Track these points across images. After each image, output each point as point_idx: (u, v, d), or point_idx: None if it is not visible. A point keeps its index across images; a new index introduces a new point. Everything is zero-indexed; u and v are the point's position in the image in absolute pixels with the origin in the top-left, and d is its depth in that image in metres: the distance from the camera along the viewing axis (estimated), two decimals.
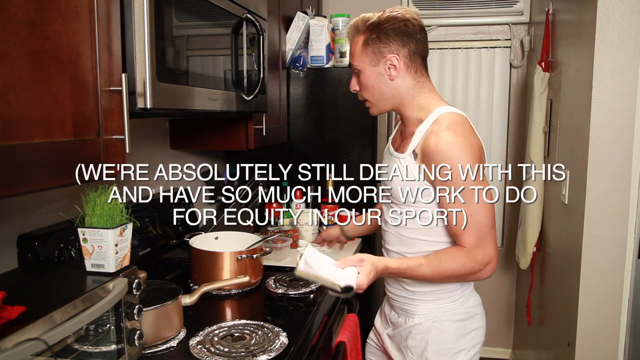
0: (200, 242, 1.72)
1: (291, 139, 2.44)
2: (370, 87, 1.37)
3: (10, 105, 0.80)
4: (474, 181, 1.26)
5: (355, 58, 1.37)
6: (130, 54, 1.07)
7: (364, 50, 1.35)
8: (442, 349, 1.39)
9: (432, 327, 1.40)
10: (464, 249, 1.28)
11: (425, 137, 1.31)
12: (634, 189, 1.84)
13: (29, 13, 0.83)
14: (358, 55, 1.36)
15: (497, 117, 3.02)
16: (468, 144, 1.27)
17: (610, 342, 1.91)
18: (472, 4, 2.91)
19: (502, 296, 3.16)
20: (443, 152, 1.25)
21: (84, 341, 0.99)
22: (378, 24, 1.33)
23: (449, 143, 1.25)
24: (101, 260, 1.06)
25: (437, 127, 1.30)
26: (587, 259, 1.89)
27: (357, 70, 1.38)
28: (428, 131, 1.31)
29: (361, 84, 1.39)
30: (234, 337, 1.30)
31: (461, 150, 1.26)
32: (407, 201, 1.36)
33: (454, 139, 1.26)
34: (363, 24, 1.35)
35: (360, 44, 1.35)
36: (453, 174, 1.25)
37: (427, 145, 1.28)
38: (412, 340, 1.41)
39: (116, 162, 1.04)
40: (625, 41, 1.78)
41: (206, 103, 1.38)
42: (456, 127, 1.29)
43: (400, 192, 1.36)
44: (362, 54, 1.35)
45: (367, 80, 1.37)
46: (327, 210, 2.33)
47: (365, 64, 1.35)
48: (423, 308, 1.42)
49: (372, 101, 1.40)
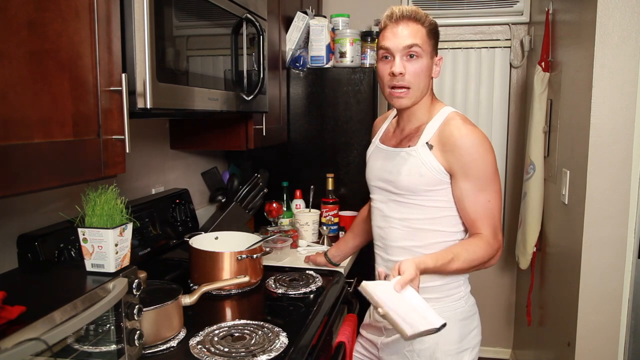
0: (200, 242, 1.72)
1: (291, 139, 2.44)
2: (420, 74, 1.37)
3: (10, 105, 0.80)
4: (494, 169, 1.36)
5: (420, 43, 1.35)
6: (130, 54, 1.08)
7: (428, 40, 1.37)
8: (450, 349, 1.40)
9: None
10: (482, 236, 1.35)
11: (441, 131, 1.37)
12: (634, 189, 1.84)
13: (29, 13, 0.83)
14: (425, 40, 1.36)
15: (497, 117, 3.02)
16: (485, 137, 1.36)
17: (610, 342, 1.91)
18: (472, 4, 2.91)
19: (502, 296, 3.16)
20: (469, 141, 1.33)
21: (84, 341, 0.99)
22: (436, 25, 1.40)
23: (471, 133, 1.34)
24: (101, 260, 1.06)
25: (452, 121, 1.37)
26: (587, 259, 1.89)
27: (416, 54, 1.35)
28: (442, 125, 1.38)
29: (414, 70, 1.36)
30: (234, 337, 1.30)
31: (484, 140, 1.35)
32: (418, 192, 1.40)
33: (474, 130, 1.35)
34: (424, 16, 1.38)
35: (425, 33, 1.37)
36: (478, 161, 1.33)
37: (448, 137, 1.35)
38: (422, 343, 1.40)
39: (116, 162, 1.04)
40: (625, 41, 1.78)
41: (206, 103, 1.38)
42: (470, 123, 1.38)
43: (413, 183, 1.39)
44: (427, 42, 1.37)
45: (422, 67, 1.37)
46: (327, 210, 2.32)
47: (426, 53, 1.37)
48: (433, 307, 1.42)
49: (413, 89, 1.37)
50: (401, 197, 1.43)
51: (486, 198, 1.35)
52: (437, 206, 1.39)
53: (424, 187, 1.38)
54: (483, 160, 1.34)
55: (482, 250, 1.34)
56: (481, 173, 1.34)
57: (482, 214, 1.35)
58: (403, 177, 1.40)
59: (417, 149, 1.38)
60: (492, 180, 1.35)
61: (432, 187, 1.38)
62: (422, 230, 1.41)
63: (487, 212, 1.35)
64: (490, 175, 1.35)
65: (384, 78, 1.39)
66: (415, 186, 1.39)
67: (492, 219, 1.36)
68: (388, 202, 1.47)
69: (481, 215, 1.35)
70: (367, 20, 2.71)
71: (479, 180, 1.34)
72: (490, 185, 1.35)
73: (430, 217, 1.40)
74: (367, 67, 2.36)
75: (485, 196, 1.35)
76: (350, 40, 2.35)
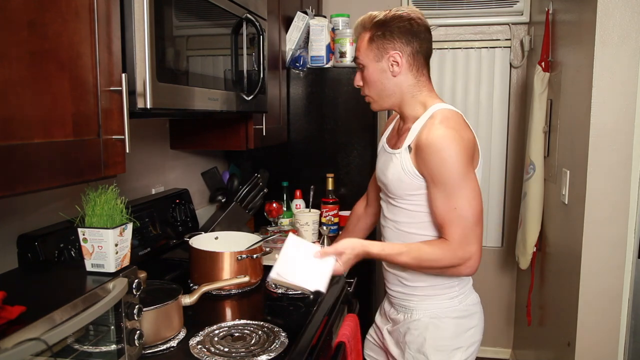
0: (200, 242, 1.72)
1: (291, 139, 2.44)
2: (373, 83, 1.41)
3: (10, 105, 0.79)
4: (461, 176, 1.27)
5: (360, 53, 1.41)
6: (130, 54, 1.07)
7: (369, 46, 1.38)
8: (440, 345, 1.41)
9: (430, 324, 1.42)
10: (446, 242, 1.31)
11: (419, 132, 1.34)
12: (634, 189, 1.84)
13: (29, 13, 0.83)
14: (363, 51, 1.40)
15: (497, 117, 3.02)
16: (459, 137, 1.29)
17: (610, 342, 1.92)
18: (472, 4, 2.91)
19: (502, 296, 3.16)
20: (434, 144, 1.28)
21: (84, 341, 0.99)
22: (384, 21, 1.36)
23: (440, 136, 1.28)
24: (101, 260, 1.06)
25: (431, 121, 1.33)
26: (587, 259, 1.89)
27: (361, 65, 1.42)
28: (423, 126, 1.34)
29: (365, 79, 1.43)
30: (234, 337, 1.30)
31: (451, 143, 1.27)
32: (402, 195, 1.39)
33: (445, 132, 1.28)
34: (370, 21, 1.39)
35: (366, 40, 1.39)
36: (441, 166, 1.27)
37: (420, 138, 1.32)
38: (411, 335, 1.43)
39: (116, 162, 1.04)
40: (625, 41, 1.78)
41: (206, 103, 1.38)
42: (449, 121, 1.31)
43: (396, 187, 1.39)
44: (367, 49, 1.39)
45: (371, 76, 1.40)
46: (327, 210, 2.32)
47: (369, 60, 1.39)
48: (422, 304, 1.44)
49: (374, 97, 1.44)
50: (392, 200, 1.44)
51: (452, 205, 1.28)
52: (419, 211, 1.37)
53: (405, 191, 1.37)
54: (450, 164, 1.26)
55: (439, 254, 1.30)
56: (446, 178, 1.27)
57: (448, 221, 1.29)
58: (389, 179, 1.40)
59: (401, 152, 1.37)
60: (459, 187, 1.27)
61: (413, 192, 1.36)
62: (409, 234, 1.41)
63: (453, 220, 1.28)
64: (457, 181, 1.27)
65: None
66: (397, 190, 1.39)
67: (462, 227, 1.28)
68: (385, 203, 1.49)
69: (447, 222, 1.29)
70: None
71: (445, 184, 1.28)
72: (458, 192, 1.27)
73: (417, 222, 1.39)
74: None
75: (452, 203, 1.28)
76: (350, 40, 2.35)
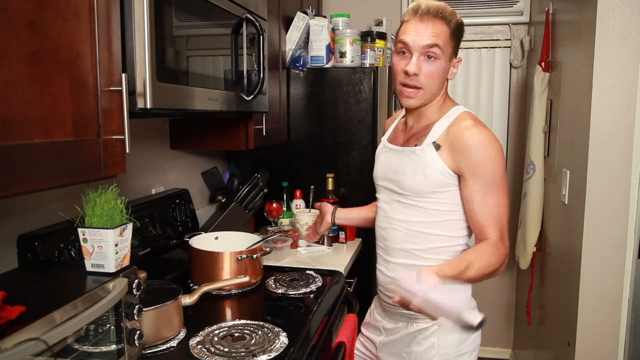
0: (200, 242, 1.72)
1: (291, 139, 2.44)
2: (434, 77, 1.34)
3: (10, 105, 0.80)
4: (504, 173, 1.32)
5: (442, 43, 1.31)
6: (130, 54, 1.07)
7: (450, 41, 1.33)
8: (448, 353, 1.38)
9: (438, 331, 1.38)
10: (488, 242, 1.30)
11: (450, 130, 1.33)
12: (634, 189, 1.84)
13: (29, 13, 0.83)
14: (446, 42, 1.32)
15: (497, 117, 3.02)
16: (496, 139, 1.33)
17: (610, 342, 1.92)
18: (472, 4, 2.91)
19: (502, 296, 3.16)
20: (481, 142, 1.30)
21: (84, 341, 0.99)
22: (461, 24, 1.35)
23: (485, 135, 1.31)
24: (101, 260, 1.06)
25: (465, 122, 1.33)
26: (587, 259, 1.89)
27: (435, 55, 1.31)
28: (452, 125, 1.34)
29: (428, 70, 1.32)
30: (234, 337, 1.30)
31: (495, 142, 1.32)
32: (422, 193, 1.36)
33: (487, 132, 1.32)
34: (451, 15, 1.32)
35: (449, 34, 1.32)
36: (487, 163, 1.30)
37: (457, 136, 1.31)
38: (419, 345, 1.40)
39: (116, 162, 1.04)
40: (625, 41, 1.78)
41: (206, 103, 1.38)
42: (481, 123, 1.34)
43: (417, 184, 1.35)
44: (448, 44, 1.32)
45: (438, 69, 1.33)
46: None
47: (447, 54, 1.33)
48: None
49: (425, 90, 1.35)
50: (404, 198, 1.39)
51: (495, 201, 1.30)
52: (440, 209, 1.35)
53: (428, 188, 1.34)
54: (493, 162, 1.29)
55: (494, 257, 1.28)
56: (490, 175, 1.29)
57: (491, 218, 1.30)
58: (408, 177, 1.36)
59: (423, 149, 1.35)
60: (501, 184, 1.31)
61: (437, 189, 1.34)
62: (423, 234, 1.38)
63: (495, 217, 1.30)
64: (500, 178, 1.30)
65: (398, 74, 1.36)
66: (419, 187, 1.35)
67: (500, 223, 1.31)
68: (391, 203, 1.44)
69: (490, 220, 1.30)
70: (367, 20, 2.71)
71: (487, 182, 1.29)
72: (500, 189, 1.31)
73: (432, 221, 1.37)
74: (367, 67, 2.36)
75: (495, 199, 1.30)
76: (350, 40, 2.35)
